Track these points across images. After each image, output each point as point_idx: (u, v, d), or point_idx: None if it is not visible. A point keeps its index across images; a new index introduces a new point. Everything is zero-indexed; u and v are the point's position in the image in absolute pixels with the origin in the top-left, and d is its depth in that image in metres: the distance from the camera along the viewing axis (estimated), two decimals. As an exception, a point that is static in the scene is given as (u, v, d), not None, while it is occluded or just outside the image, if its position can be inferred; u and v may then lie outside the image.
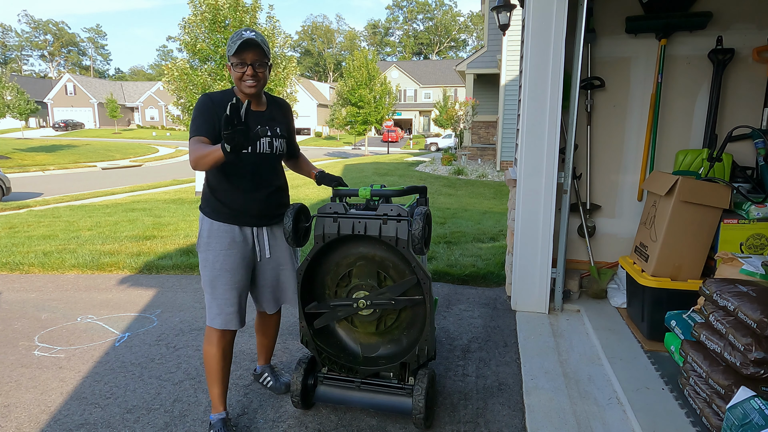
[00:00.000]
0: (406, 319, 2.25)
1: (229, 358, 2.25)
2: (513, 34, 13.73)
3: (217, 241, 2.13)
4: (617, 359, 2.67)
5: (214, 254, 2.13)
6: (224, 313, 2.15)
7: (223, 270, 2.13)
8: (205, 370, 2.23)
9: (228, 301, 2.15)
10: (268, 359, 2.64)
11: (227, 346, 2.22)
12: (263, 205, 2.19)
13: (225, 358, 2.21)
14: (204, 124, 2.04)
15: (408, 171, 16.24)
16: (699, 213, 2.75)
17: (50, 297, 4.07)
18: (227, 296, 2.15)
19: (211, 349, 2.19)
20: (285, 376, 2.61)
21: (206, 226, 2.16)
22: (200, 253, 2.17)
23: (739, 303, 1.96)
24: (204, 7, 16.13)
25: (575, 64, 3.09)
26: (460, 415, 2.34)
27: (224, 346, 2.20)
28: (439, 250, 5.21)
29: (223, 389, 2.23)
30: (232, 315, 2.16)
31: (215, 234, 2.14)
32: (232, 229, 2.15)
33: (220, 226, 2.14)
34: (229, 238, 2.14)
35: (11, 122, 40.83)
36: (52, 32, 74.50)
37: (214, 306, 2.16)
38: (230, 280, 2.14)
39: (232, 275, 2.14)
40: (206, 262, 2.15)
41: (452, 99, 33.23)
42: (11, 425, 2.30)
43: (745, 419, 1.69)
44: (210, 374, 2.21)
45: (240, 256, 2.16)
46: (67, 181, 15.94)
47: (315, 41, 79.71)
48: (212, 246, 2.13)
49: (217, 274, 2.13)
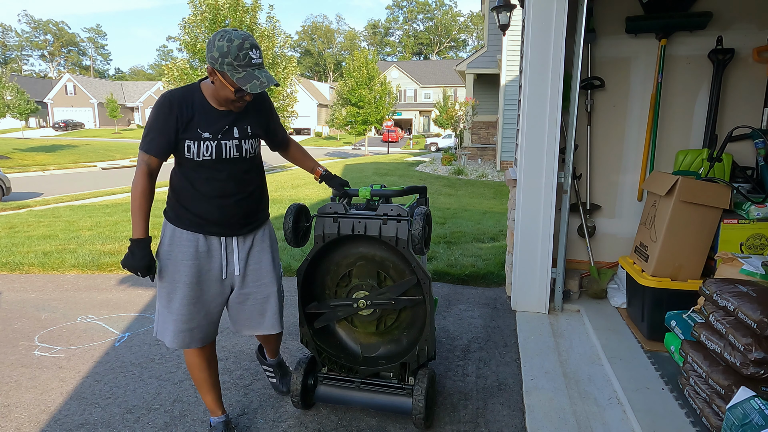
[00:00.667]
0: (406, 319, 2.25)
1: (214, 363, 2.13)
2: (513, 34, 13.72)
3: (179, 249, 1.94)
4: (617, 359, 2.67)
5: (174, 264, 1.94)
6: (181, 331, 1.96)
7: (181, 282, 1.94)
8: (193, 380, 2.12)
9: (184, 317, 1.95)
10: (275, 354, 2.49)
11: (209, 354, 2.09)
12: (231, 213, 1.97)
13: (210, 366, 2.10)
14: (157, 138, 1.85)
15: (408, 171, 16.24)
16: (699, 213, 2.75)
17: (50, 297, 4.07)
18: (183, 312, 1.94)
19: (192, 360, 2.06)
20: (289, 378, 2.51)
21: (168, 232, 1.97)
22: (159, 261, 1.97)
23: (739, 303, 1.96)
24: (204, 7, 16.14)
25: (575, 64, 3.09)
26: (460, 415, 2.34)
27: (207, 354, 2.08)
28: (439, 250, 5.21)
29: (216, 395, 2.15)
30: (188, 333, 1.97)
31: (177, 242, 1.95)
32: (196, 238, 1.95)
33: (183, 234, 1.95)
34: (191, 249, 1.94)
35: (11, 122, 40.82)
36: (52, 32, 74.51)
37: (170, 322, 1.96)
38: (188, 294, 1.94)
39: (191, 289, 1.94)
40: (164, 272, 1.96)
41: (452, 99, 33.23)
42: (11, 425, 2.30)
43: (745, 419, 1.69)
44: (199, 383, 2.11)
45: (203, 269, 1.97)
46: (67, 181, 15.94)
47: (315, 41, 79.72)
48: (173, 255, 1.95)
49: (175, 286, 1.94)
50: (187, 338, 1.99)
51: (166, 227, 1.99)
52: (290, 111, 19.07)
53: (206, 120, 1.89)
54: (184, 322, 1.96)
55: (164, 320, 1.99)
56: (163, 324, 2.00)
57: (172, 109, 1.85)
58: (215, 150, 1.90)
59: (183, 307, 1.95)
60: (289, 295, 4.03)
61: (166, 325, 1.99)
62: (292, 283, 4.32)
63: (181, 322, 1.96)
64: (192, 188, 1.93)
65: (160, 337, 2.02)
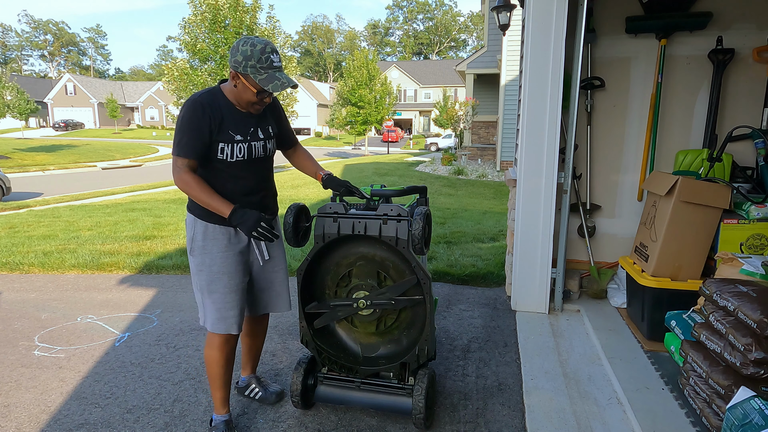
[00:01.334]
0: (406, 319, 2.25)
1: (232, 361, 2.22)
2: (513, 34, 13.72)
3: (213, 243, 2.06)
4: (617, 359, 2.67)
5: (211, 257, 2.06)
6: (226, 317, 2.09)
7: (221, 273, 2.07)
8: (208, 375, 2.19)
9: (228, 305, 2.09)
10: (254, 368, 2.54)
11: (230, 351, 2.18)
12: (260, 208, 2.13)
13: (228, 363, 2.19)
14: (192, 141, 1.93)
15: (408, 171, 16.24)
16: (699, 213, 2.75)
17: (50, 297, 4.07)
18: (227, 299, 2.08)
19: (214, 354, 2.15)
20: (273, 386, 2.52)
21: (200, 228, 2.07)
22: (194, 258, 2.09)
23: (739, 303, 1.96)
24: (204, 7, 16.15)
25: (575, 64, 3.09)
26: (460, 415, 2.34)
27: (228, 351, 2.16)
28: (439, 250, 5.21)
29: (226, 392, 2.21)
30: (233, 319, 2.11)
31: (211, 236, 2.06)
32: (228, 231, 2.08)
33: (216, 228, 2.06)
34: (225, 240, 2.07)
35: (11, 122, 40.84)
36: (52, 32, 74.51)
37: (213, 311, 2.09)
38: (229, 283, 2.08)
39: (230, 278, 2.08)
40: (202, 265, 2.07)
41: (452, 99, 33.21)
42: (11, 425, 2.30)
43: (745, 419, 1.69)
44: (213, 379, 2.17)
45: (238, 258, 2.10)
46: (67, 181, 15.94)
47: (315, 41, 79.72)
48: (208, 248, 2.06)
49: (215, 277, 2.06)
50: (232, 323, 2.10)
51: (196, 224, 2.08)
52: (290, 111, 19.08)
53: (235, 122, 2.00)
54: (228, 309, 2.09)
55: (208, 309, 2.10)
56: (208, 312, 2.11)
57: (204, 112, 1.93)
58: (247, 151, 2.04)
59: (224, 296, 2.07)
60: (290, 294, 4.03)
61: (209, 313, 2.10)
62: (292, 283, 4.31)
63: (225, 309, 2.08)
64: (222, 187, 2.03)
65: (213, 329, 2.11)
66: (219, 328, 2.10)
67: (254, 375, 2.54)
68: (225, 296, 2.08)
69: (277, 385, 2.56)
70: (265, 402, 2.46)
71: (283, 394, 2.49)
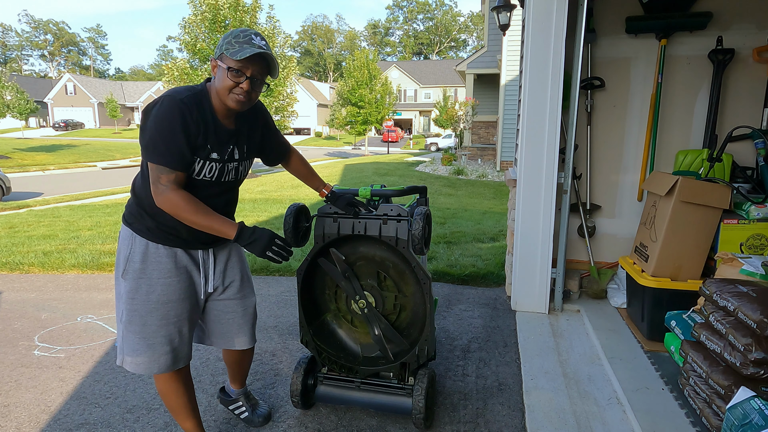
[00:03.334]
0: (406, 319, 2.25)
1: (191, 386, 1.96)
2: (513, 34, 13.73)
3: (155, 267, 1.75)
4: (617, 359, 2.67)
5: (150, 283, 1.74)
6: (160, 355, 1.77)
7: (160, 303, 1.75)
8: (169, 408, 1.93)
9: (162, 340, 1.77)
10: (243, 383, 2.28)
11: (185, 377, 1.91)
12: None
13: (188, 389, 1.94)
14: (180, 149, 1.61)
15: (408, 171, 16.23)
16: (699, 213, 2.75)
17: (50, 297, 4.07)
18: (162, 333, 1.76)
19: (166, 388, 1.87)
20: (262, 407, 2.30)
21: (139, 248, 1.75)
22: (126, 282, 1.75)
23: (739, 303, 1.96)
24: (204, 7, 16.14)
25: (575, 64, 3.09)
26: (460, 415, 2.34)
27: (182, 378, 1.90)
28: (439, 250, 5.21)
29: (197, 420, 1.99)
30: (168, 355, 1.78)
31: (152, 259, 1.75)
32: (174, 253, 1.78)
33: (159, 249, 1.76)
34: (170, 264, 1.77)
35: (11, 122, 40.82)
36: (52, 32, 74.51)
37: (144, 347, 1.75)
38: (167, 315, 1.76)
39: (170, 308, 1.77)
40: (137, 292, 1.74)
41: (452, 99, 33.22)
42: (11, 425, 2.30)
43: (745, 419, 1.69)
44: (177, 410, 1.92)
45: (183, 285, 1.80)
46: (67, 180, 15.94)
47: (315, 41, 79.71)
48: (147, 273, 1.74)
49: (152, 308, 1.74)
50: (170, 360, 1.80)
51: (135, 241, 1.76)
52: (290, 111, 19.07)
53: (217, 137, 1.73)
54: (164, 344, 1.77)
55: (136, 346, 1.76)
56: (135, 350, 1.76)
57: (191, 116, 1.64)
58: (218, 172, 1.77)
59: (161, 329, 1.76)
60: (290, 294, 4.03)
61: (139, 350, 1.76)
62: (292, 283, 4.32)
63: (160, 345, 1.77)
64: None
65: (131, 366, 1.77)
66: (153, 368, 1.77)
67: (244, 390, 2.28)
68: (160, 329, 1.76)
69: (266, 405, 2.35)
70: (250, 424, 2.24)
71: (270, 416, 2.30)
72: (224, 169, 1.78)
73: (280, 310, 3.68)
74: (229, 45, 1.64)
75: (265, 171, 18.43)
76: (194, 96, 1.68)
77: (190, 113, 1.64)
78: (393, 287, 2.20)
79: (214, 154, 1.74)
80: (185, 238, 1.79)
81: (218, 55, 1.67)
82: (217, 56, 1.68)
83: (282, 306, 3.78)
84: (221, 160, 1.76)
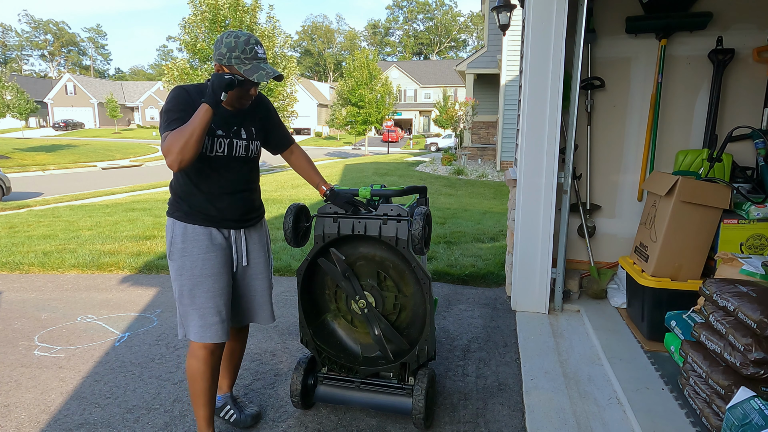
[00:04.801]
0: (406, 319, 2.25)
1: (218, 374, 2.07)
2: (513, 34, 13.72)
3: (194, 245, 1.95)
4: (617, 359, 2.67)
5: (192, 260, 1.94)
6: (211, 324, 1.95)
7: (203, 276, 1.94)
8: (191, 391, 2.02)
9: (211, 311, 1.95)
10: (230, 386, 2.34)
11: (216, 363, 2.03)
12: (238, 207, 2.03)
13: (214, 377, 2.03)
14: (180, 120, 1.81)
15: (408, 171, 16.23)
16: (699, 213, 2.75)
17: (50, 297, 4.07)
18: (210, 305, 1.95)
19: (198, 367, 1.98)
20: (250, 408, 2.32)
21: (179, 231, 1.96)
22: (174, 262, 1.97)
23: (739, 303, 1.96)
24: (204, 7, 16.15)
25: (575, 64, 3.09)
26: (460, 415, 2.34)
27: (213, 363, 2.01)
28: (439, 250, 5.21)
29: (211, 410, 2.05)
30: (218, 325, 1.96)
31: (191, 238, 1.95)
32: (209, 232, 1.97)
33: (196, 228, 1.96)
34: (207, 241, 1.96)
35: (11, 122, 40.83)
36: (52, 32, 74.50)
37: (196, 318, 1.95)
38: (212, 287, 1.95)
39: (214, 281, 1.96)
40: (182, 269, 1.95)
41: (452, 99, 33.21)
42: (11, 425, 2.30)
43: (745, 419, 1.69)
44: (197, 395, 2.01)
45: (221, 260, 1.98)
46: (67, 180, 15.94)
47: (315, 41, 79.71)
48: (188, 251, 1.94)
49: (197, 281, 1.93)
50: (220, 330, 1.97)
51: (175, 226, 1.98)
52: (290, 111, 19.09)
53: (219, 117, 1.93)
54: (213, 314, 1.96)
55: (190, 317, 1.96)
56: (190, 321, 1.97)
57: (190, 96, 1.86)
58: (227, 147, 1.96)
59: (209, 300, 1.95)
60: (290, 294, 4.03)
61: (192, 321, 1.96)
62: (292, 282, 4.32)
63: (210, 315, 1.95)
64: (201, 186, 1.95)
65: (196, 338, 1.96)
66: (204, 336, 1.95)
67: (230, 394, 2.33)
68: (208, 301, 1.95)
69: (254, 406, 2.36)
70: (239, 425, 2.26)
71: (259, 416, 2.31)
72: (233, 144, 1.97)
73: (280, 310, 3.68)
74: (239, 61, 1.85)
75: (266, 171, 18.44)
76: (197, 87, 1.92)
77: (193, 93, 1.87)
78: (393, 287, 2.21)
79: (219, 131, 1.93)
80: (214, 216, 1.98)
81: (226, 63, 1.86)
82: (224, 63, 1.86)
83: (282, 306, 3.78)
84: (227, 136, 1.96)
